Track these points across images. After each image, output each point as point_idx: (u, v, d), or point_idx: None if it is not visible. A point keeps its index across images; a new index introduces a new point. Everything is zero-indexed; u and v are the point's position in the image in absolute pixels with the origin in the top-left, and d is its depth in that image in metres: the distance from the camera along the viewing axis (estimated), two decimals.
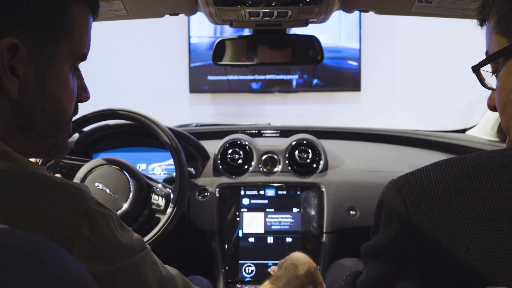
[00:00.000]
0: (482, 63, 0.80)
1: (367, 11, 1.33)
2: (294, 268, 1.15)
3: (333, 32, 4.15)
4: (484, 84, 0.82)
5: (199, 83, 4.24)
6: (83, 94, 0.79)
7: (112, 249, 0.68)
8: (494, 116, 2.04)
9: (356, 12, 1.34)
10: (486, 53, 0.80)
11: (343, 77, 4.25)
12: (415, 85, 4.26)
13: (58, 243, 0.61)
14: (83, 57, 0.76)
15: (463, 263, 0.66)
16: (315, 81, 4.24)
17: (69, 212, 0.64)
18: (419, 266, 0.70)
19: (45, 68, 0.69)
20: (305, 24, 1.39)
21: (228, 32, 4.04)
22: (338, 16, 4.07)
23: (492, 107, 0.82)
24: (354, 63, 4.21)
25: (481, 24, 0.82)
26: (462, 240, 0.67)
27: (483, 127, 2.15)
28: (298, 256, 1.22)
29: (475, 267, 0.65)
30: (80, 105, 0.82)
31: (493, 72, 0.80)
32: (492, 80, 0.82)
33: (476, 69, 0.81)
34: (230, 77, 4.21)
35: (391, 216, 0.73)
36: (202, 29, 4.19)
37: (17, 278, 0.47)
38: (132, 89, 4.19)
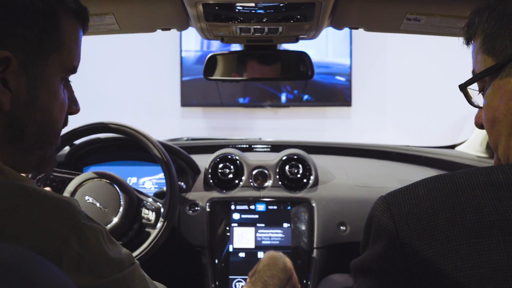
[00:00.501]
0: (469, 82, 0.81)
1: (356, 28, 1.35)
2: (269, 268, 1.15)
3: (322, 47, 4.18)
4: (471, 103, 0.84)
5: (190, 97, 4.25)
6: (73, 106, 0.80)
7: (101, 263, 0.67)
8: (483, 133, 2.06)
9: (347, 29, 1.36)
10: (473, 71, 0.81)
11: (333, 92, 4.28)
12: (405, 100, 4.29)
13: (48, 257, 0.60)
14: (74, 70, 0.77)
15: (451, 279, 0.66)
16: (305, 96, 4.27)
17: (59, 225, 0.64)
18: (408, 282, 0.71)
19: (37, 80, 0.70)
20: (296, 40, 1.40)
21: (216, 46, 4.08)
22: (328, 32, 4.09)
23: (479, 125, 0.83)
24: (343, 79, 4.25)
25: (467, 43, 0.83)
26: (451, 256, 0.67)
27: (472, 143, 2.17)
28: (271, 254, 1.22)
29: (464, 284, 0.66)
30: (71, 118, 0.82)
31: (480, 91, 0.82)
32: (479, 99, 0.83)
33: (463, 87, 0.83)
34: (222, 91, 4.22)
35: (380, 232, 0.74)
36: (194, 43, 4.21)
37: None
38: (124, 102, 4.18)
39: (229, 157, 1.90)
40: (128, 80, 4.27)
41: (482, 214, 0.68)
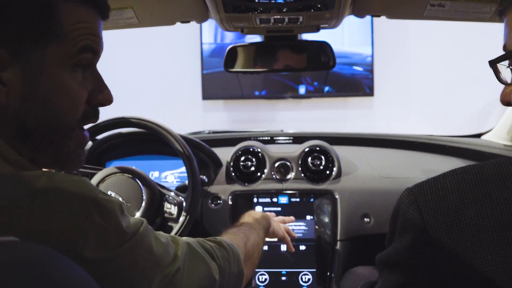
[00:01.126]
0: (500, 58, 0.77)
1: (378, 16, 1.32)
2: (248, 216, 1.29)
3: (340, 36, 4.14)
4: (499, 79, 0.80)
5: (211, 90, 4.26)
6: (100, 96, 0.75)
7: (123, 232, 0.68)
8: (510, 121, 2.01)
9: (368, 17, 1.33)
10: (504, 46, 0.78)
11: (355, 83, 4.24)
12: (429, 89, 4.23)
13: (74, 236, 0.61)
14: (88, 59, 0.72)
15: (480, 274, 0.64)
16: (326, 88, 4.24)
17: (78, 202, 0.64)
18: (435, 277, 0.69)
19: (34, 72, 0.67)
20: (317, 30, 1.38)
21: (230, 39, 4.08)
22: (349, 20, 4.05)
23: (505, 103, 0.79)
24: (362, 69, 4.20)
25: (500, 16, 0.79)
26: (480, 250, 0.65)
27: (498, 132, 2.12)
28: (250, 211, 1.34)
29: (493, 278, 0.64)
30: None
31: (509, 66, 0.78)
32: (507, 74, 0.79)
33: (493, 63, 0.79)
34: (242, 84, 4.22)
35: (407, 225, 0.72)
36: (213, 35, 4.21)
37: None
38: (145, 97, 4.21)
39: (251, 149, 1.89)
40: (149, 74, 4.29)
41: None
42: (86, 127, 0.79)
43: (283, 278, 1.71)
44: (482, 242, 0.65)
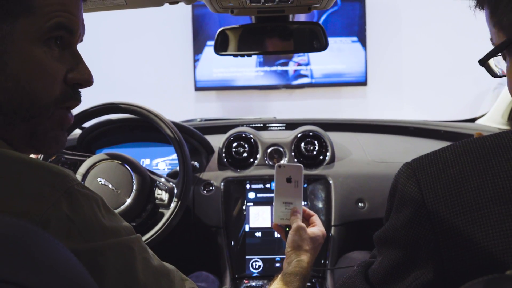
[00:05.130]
0: (488, 57, 0.75)
1: None
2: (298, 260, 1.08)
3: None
4: (494, 75, 0.77)
5: (204, 80, 4.23)
6: (78, 76, 0.72)
7: (93, 228, 0.64)
8: (504, 104, 2.00)
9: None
10: (491, 40, 0.75)
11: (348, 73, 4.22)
12: (422, 77, 4.22)
13: (34, 219, 0.58)
14: (61, 36, 0.69)
15: (481, 248, 0.62)
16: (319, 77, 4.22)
17: (49, 189, 0.61)
18: (434, 252, 0.67)
19: (2, 46, 0.65)
20: (308, 10, 1.34)
21: None
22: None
23: None
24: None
25: (480, 9, 0.76)
26: (481, 224, 0.63)
27: (493, 116, 2.11)
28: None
29: (494, 252, 0.62)
30: (82, 101, 0.76)
31: (504, 58, 0.75)
32: (503, 65, 0.76)
33: (484, 62, 0.76)
34: (235, 73, 4.19)
35: (405, 200, 0.70)
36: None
37: (2, 264, 0.45)
38: (136, 86, 4.18)
39: (243, 135, 1.86)
40: (141, 64, 4.26)
41: None
42: (73, 111, 0.76)
43: (277, 264, 1.69)
44: (483, 215, 0.63)
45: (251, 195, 1.78)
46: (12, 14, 0.65)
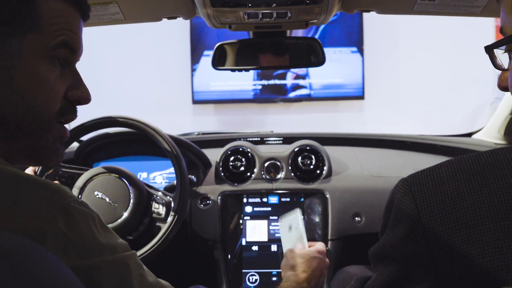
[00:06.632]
0: (497, 44, 0.74)
1: (368, 11, 1.30)
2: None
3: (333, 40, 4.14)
4: (495, 64, 0.77)
5: (202, 93, 4.24)
6: (77, 93, 0.74)
7: (90, 245, 0.64)
8: (501, 119, 2.00)
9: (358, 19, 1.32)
10: (501, 30, 0.75)
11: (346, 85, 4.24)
12: (419, 91, 4.24)
13: (31, 235, 0.58)
14: (66, 55, 0.72)
15: (477, 265, 0.62)
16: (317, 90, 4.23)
17: (46, 206, 0.62)
18: (430, 269, 0.67)
19: (10, 61, 0.66)
20: (306, 25, 1.36)
21: None
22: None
23: (503, 88, 0.77)
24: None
25: (497, 0, 0.76)
26: (477, 241, 0.63)
27: (489, 130, 2.11)
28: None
29: (490, 269, 0.62)
30: (79, 115, 0.78)
31: (506, 51, 0.75)
32: (504, 58, 0.77)
33: (490, 49, 0.77)
34: (232, 87, 4.21)
35: (401, 216, 0.70)
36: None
37: (3, 281, 0.45)
38: (134, 98, 4.20)
39: (241, 149, 1.87)
40: (140, 78, 4.28)
41: (511, 195, 0.63)
42: (71, 125, 0.77)
43: (274, 278, 1.69)
44: (479, 232, 0.63)
45: (248, 209, 1.78)
46: (21, 31, 0.66)
